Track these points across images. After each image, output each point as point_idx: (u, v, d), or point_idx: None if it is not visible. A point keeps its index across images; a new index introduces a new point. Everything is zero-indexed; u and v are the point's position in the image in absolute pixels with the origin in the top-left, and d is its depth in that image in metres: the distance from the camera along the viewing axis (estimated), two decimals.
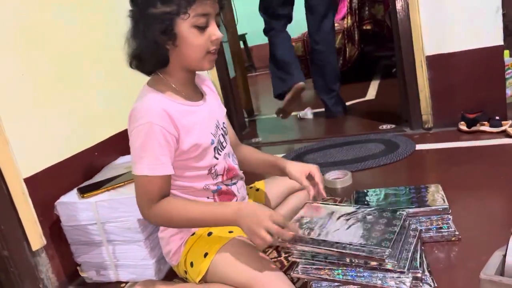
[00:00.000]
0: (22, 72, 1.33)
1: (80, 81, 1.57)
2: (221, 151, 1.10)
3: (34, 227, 1.29)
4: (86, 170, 1.50)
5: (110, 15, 1.73)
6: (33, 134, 1.34)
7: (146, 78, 1.06)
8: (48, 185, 1.35)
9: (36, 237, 1.29)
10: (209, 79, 1.21)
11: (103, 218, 1.28)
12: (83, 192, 1.32)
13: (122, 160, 1.63)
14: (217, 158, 1.08)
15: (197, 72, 1.10)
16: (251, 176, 1.26)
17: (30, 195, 1.29)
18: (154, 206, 0.98)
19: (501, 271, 0.90)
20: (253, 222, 0.91)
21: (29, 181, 1.29)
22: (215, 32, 0.97)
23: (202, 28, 0.95)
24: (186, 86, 1.06)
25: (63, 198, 1.34)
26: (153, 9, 0.93)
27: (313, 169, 1.12)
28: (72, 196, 1.34)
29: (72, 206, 1.30)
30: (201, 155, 1.04)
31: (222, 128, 1.13)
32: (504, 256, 0.90)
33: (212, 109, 1.11)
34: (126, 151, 1.65)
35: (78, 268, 1.38)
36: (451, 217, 1.19)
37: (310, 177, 1.12)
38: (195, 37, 0.95)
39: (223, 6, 1.00)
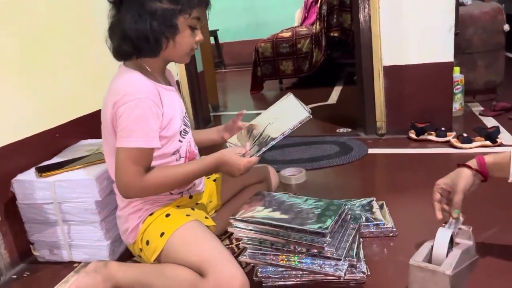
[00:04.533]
0: None
1: (46, 63, 1.57)
2: (185, 136, 1.18)
3: None
4: (46, 150, 1.50)
5: (80, 1, 1.74)
6: None
7: (111, 65, 1.11)
8: (6, 163, 1.35)
9: None
10: (171, 72, 1.29)
11: (60, 198, 1.30)
12: (41, 171, 1.33)
13: (83, 143, 1.64)
14: (181, 141, 1.16)
15: None
16: None
17: None
18: (146, 176, 1.04)
19: (429, 259, 1.01)
20: (233, 168, 1.12)
21: None
22: (200, 34, 1.12)
23: (193, 29, 1.08)
24: (160, 74, 1.14)
25: (20, 176, 1.34)
26: (158, 3, 1.01)
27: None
28: (29, 175, 1.35)
29: (29, 184, 1.31)
30: (172, 137, 1.12)
31: (185, 117, 1.22)
32: (432, 246, 1.01)
33: (179, 97, 1.21)
34: (87, 134, 1.68)
35: (31, 246, 1.38)
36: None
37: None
38: (188, 35, 1.08)
39: (207, 14, 1.13)
